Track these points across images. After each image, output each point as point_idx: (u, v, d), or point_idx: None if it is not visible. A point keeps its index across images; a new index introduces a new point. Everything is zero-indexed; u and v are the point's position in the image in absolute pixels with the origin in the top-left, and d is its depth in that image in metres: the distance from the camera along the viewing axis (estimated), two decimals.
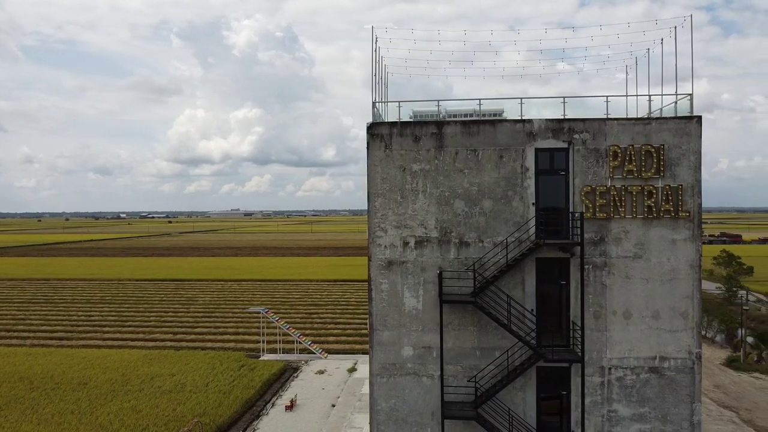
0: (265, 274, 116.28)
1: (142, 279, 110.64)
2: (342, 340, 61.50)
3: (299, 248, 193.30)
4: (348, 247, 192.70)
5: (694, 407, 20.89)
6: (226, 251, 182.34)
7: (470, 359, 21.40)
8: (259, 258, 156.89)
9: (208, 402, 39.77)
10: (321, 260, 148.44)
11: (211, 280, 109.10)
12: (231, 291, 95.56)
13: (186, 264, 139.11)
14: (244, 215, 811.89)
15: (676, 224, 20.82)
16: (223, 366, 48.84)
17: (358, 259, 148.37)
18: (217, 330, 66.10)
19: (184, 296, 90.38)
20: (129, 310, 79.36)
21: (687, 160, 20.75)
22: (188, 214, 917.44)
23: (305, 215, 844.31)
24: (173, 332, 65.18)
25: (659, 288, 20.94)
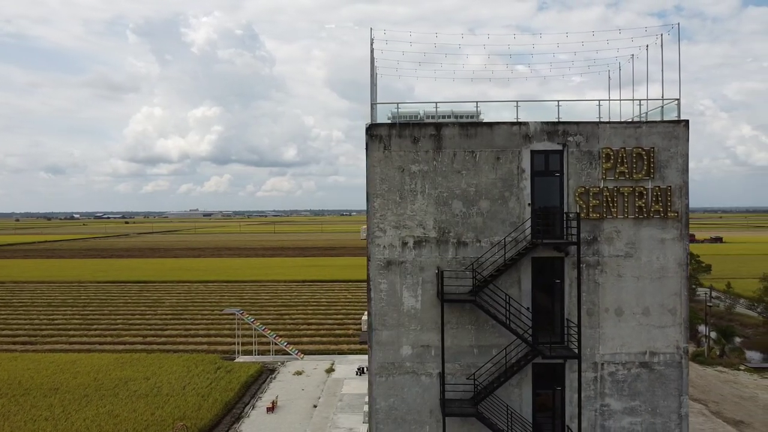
0: (231, 275, 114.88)
1: (104, 281, 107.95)
2: (316, 340, 61.40)
3: (263, 249, 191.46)
4: (313, 248, 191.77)
5: (682, 400, 21.74)
6: (188, 252, 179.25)
7: (468, 357, 21.76)
8: (224, 259, 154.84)
9: (187, 405, 39.21)
10: (287, 261, 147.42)
11: (177, 281, 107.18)
12: (198, 293, 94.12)
13: (148, 265, 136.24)
14: (203, 216, 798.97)
15: (665, 224, 21.63)
16: (198, 369, 48.19)
17: (324, 260, 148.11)
18: (187, 332, 65.10)
19: (149, 298, 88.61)
20: (94, 313, 77.40)
21: (675, 163, 21.58)
22: (145, 215, 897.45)
23: (266, 215, 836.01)
24: (143, 335, 63.91)
25: (649, 285, 21.71)
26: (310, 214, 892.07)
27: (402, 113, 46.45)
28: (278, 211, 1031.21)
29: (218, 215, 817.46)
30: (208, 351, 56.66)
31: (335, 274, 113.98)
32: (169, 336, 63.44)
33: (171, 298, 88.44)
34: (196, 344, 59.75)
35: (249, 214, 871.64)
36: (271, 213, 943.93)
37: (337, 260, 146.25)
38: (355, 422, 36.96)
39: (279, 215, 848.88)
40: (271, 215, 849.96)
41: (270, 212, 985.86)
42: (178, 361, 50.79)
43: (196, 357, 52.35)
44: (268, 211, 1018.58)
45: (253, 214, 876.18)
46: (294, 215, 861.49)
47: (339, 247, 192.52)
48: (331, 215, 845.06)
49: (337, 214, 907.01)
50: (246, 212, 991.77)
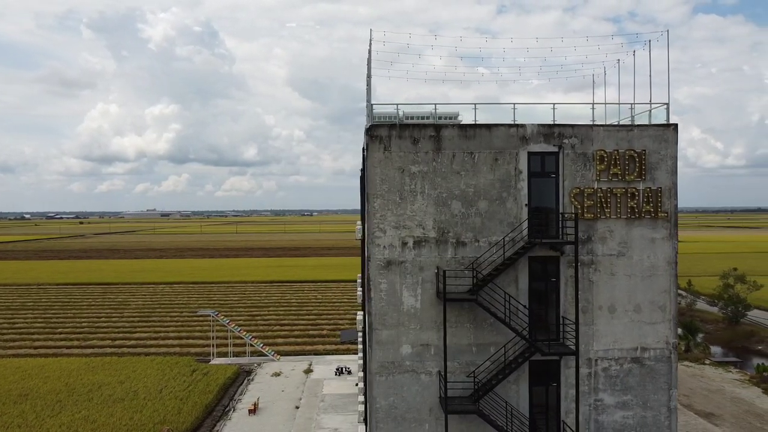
0: (196, 277, 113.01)
1: (65, 283, 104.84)
2: (291, 341, 61.00)
3: (227, 249, 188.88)
4: (277, 249, 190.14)
5: (671, 393, 22.56)
6: (149, 253, 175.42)
7: (466, 355, 22.09)
8: (187, 260, 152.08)
9: (165, 409, 38.50)
10: (252, 261, 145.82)
11: (141, 283, 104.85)
12: (164, 294, 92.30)
13: (109, 267, 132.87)
14: (160, 216, 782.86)
15: (655, 224, 22.39)
16: (174, 371, 47.32)
17: (290, 260, 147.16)
18: (158, 335, 63.79)
19: (114, 300, 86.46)
20: (57, 316, 75.10)
21: (665, 165, 22.37)
22: (100, 215, 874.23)
23: (226, 216, 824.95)
24: (111, 338, 62.36)
25: (640, 283, 22.45)
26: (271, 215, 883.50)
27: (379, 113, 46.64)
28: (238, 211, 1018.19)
29: (176, 215, 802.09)
30: (181, 353, 55.65)
31: (303, 275, 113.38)
32: (138, 339, 62.05)
33: (136, 300, 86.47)
34: (168, 347, 58.61)
35: (208, 215, 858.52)
36: (231, 213, 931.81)
37: (304, 261, 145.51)
38: (339, 422, 36.96)
39: (239, 215, 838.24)
40: (231, 215, 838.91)
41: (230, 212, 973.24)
42: (152, 364, 49.77)
43: (170, 360, 51.38)
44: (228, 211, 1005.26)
45: (213, 215, 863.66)
46: (254, 215, 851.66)
47: (304, 248, 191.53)
48: (292, 215, 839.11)
49: (298, 214, 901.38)
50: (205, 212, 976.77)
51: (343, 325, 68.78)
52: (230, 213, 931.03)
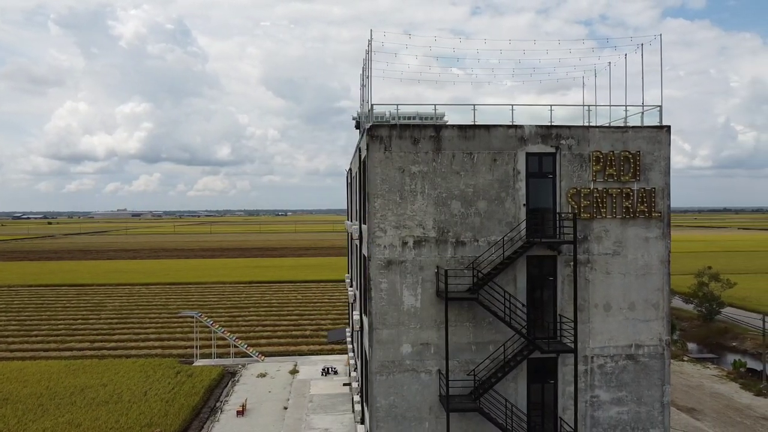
0: (173, 277, 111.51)
1: (37, 285, 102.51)
2: (274, 342, 60.67)
3: (202, 250, 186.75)
4: (253, 249, 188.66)
5: (664, 389, 23.09)
6: (123, 254, 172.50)
7: (466, 354, 22.31)
8: (162, 260, 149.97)
9: (152, 411, 38.01)
10: (229, 262, 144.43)
11: (116, 284, 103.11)
12: (141, 295, 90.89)
13: (82, 268, 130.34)
14: (131, 216, 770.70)
15: (649, 224, 22.90)
16: (157, 374, 46.70)
17: (267, 261, 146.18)
18: (138, 336, 62.83)
19: (89, 302, 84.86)
20: (31, 318, 73.43)
21: (658, 166, 22.89)
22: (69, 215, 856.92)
23: (198, 216, 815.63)
24: (89, 340, 61.22)
25: (635, 282, 22.95)
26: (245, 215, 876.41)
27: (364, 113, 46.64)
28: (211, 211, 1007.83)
29: (148, 215, 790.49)
30: (163, 355, 54.94)
31: (282, 275, 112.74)
32: (118, 341, 61.05)
33: (113, 302, 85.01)
34: (149, 348, 57.80)
35: (180, 215, 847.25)
36: (204, 213, 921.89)
37: (282, 261, 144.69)
38: (329, 422, 36.92)
39: (212, 215, 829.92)
40: (203, 215, 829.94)
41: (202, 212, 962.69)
42: (134, 366, 49.05)
43: (153, 361, 50.67)
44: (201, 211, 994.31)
45: (185, 215, 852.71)
46: (228, 215, 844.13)
47: (280, 248, 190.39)
48: (266, 215, 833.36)
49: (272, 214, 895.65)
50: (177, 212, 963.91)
51: (326, 325, 68.66)
52: (203, 213, 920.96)
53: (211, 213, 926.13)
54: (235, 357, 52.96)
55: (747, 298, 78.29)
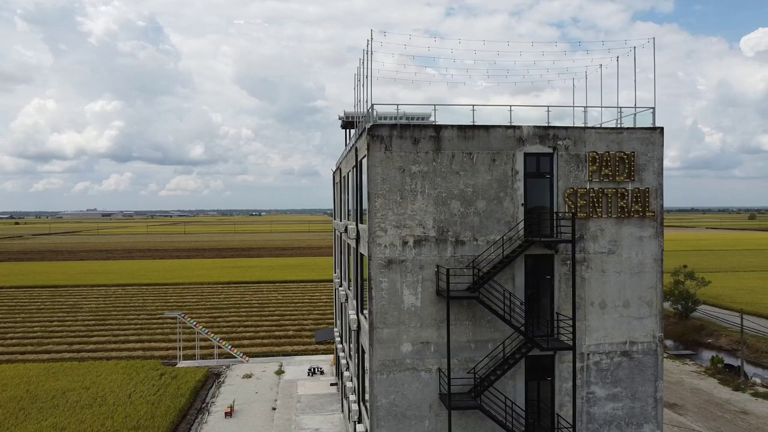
0: (149, 278, 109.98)
1: (8, 286, 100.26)
2: (257, 342, 60.33)
3: (177, 250, 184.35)
4: (229, 249, 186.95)
5: (657, 384, 23.58)
6: (95, 255, 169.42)
7: (465, 352, 22.48)
8: (137, 261, 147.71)
9: (138, 414, 37.52)
10: (205, 262, 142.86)
11: (91, 285, 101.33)
12: (118, 297, 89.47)
13: (55, 269, 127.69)
14: (102, 216, 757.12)
15: (643, 223, 23.37)
16: (141, 376, 46.10)
17: (245, 261, 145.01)
18: (117, 338, 61.88)
19: (64, 304, 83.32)
20: (5, 320, 71.82)
21: (652, 166, 23.37)
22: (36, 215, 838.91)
23: (171, 216, 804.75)
24: (67, 343, 60.12)
25: (629, 280, 23.38)
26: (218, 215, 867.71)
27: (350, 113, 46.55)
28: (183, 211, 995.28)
29: (119, 215, 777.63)
30: (145, 357, 54.23)
31: (260, 276, 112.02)
32: (97, 343, 60.04)
33: (89, 303, 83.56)
34: (130, 350, 56.99)
35: (152, 215, 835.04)
36: (176, 213, 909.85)
37: (259, 261, 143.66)
38: (319, 422, 36.86)
39: (185, 215, 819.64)
40: (176, 215, 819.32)
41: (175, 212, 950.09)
42: (116, 369, 48.32)
43: (135, 363, 49.98)
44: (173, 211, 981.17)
45: (157, 215, 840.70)
46: (201, 215, 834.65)
47: (257, 248, 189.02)
48: (240, 215, 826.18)
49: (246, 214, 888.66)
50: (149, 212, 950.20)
51: (308, 325, 68.48)
52: (175, 213, 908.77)
53: (184, 213, 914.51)
54: (219, 358, 52.50)
55: (720, 296, 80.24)
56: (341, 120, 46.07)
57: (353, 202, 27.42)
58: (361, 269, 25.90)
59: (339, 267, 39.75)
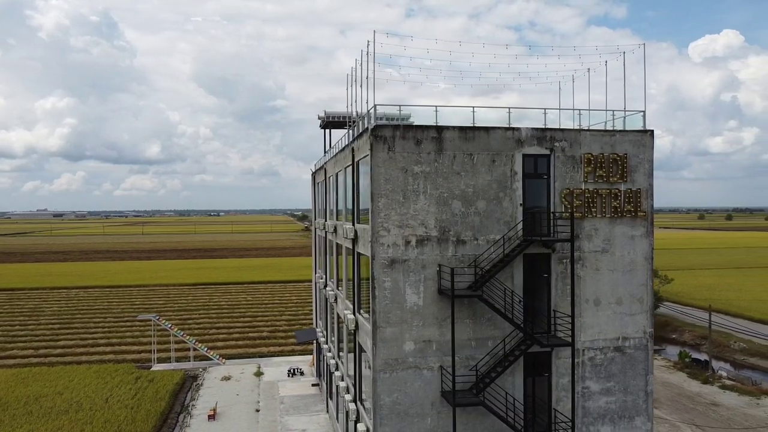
0: (112, 280, 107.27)
1: None
2: (232, 344, 59.62)
3: (137, 251, 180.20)
4: (191, 250, 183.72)
5: (648, 378, 24.41)
6: (51, 256, 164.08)
7: (466, 350, 22.82)
8: (96, 263, 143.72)
9: (117, 419, 36.65)
10: (168, 263, 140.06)
11: (51, 288, 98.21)
12: (80, 299, 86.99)
13: (8, 271, 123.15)
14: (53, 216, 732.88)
15: (634, 222, 24.16)
16: (115, 380, 45.00)
17: (209, 262, 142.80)
18: (85, 342, 60.22)
19: (24, 307, 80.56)
20: None
21: (643, 168, 24.19)
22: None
23: (126, 216, 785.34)
24: (33, 347, 58.21)
25: (621, 278, 24.14)
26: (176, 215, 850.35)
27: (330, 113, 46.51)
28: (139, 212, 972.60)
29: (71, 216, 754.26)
30: (117, 360, 52.97)
31: (227, 277, 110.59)
32: (65, 347, 58.28)
33: (51, 306, 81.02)
34: (101, 354, 55.52)
35: (107, 215, 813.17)
36: (132, 213, 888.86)
37: (224, 262, 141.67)
38: (305, 423, 36.73)
39: (140, 215, 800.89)
40: (131, 215, 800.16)
41: (130, 212, 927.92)
42: (88, 373, 47.01)
43: (108, 367, 48.73)
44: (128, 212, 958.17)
45: (112, 215, 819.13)
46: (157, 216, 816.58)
47: (220, 249, 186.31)
48: (198, 215, 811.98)
49: (204, 214, 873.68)
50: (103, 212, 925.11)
51: (281, 326, 68.03)
52: (131, 213, 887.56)
53: (140, 213, 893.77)
54: (195, 360, 51.66)
55: (680, 293, 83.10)
56: (321, 120, 45.96)
57: (349, 203, 27.45)
58: (359, 269, 25.98)
59: (324, 267, 39.66)
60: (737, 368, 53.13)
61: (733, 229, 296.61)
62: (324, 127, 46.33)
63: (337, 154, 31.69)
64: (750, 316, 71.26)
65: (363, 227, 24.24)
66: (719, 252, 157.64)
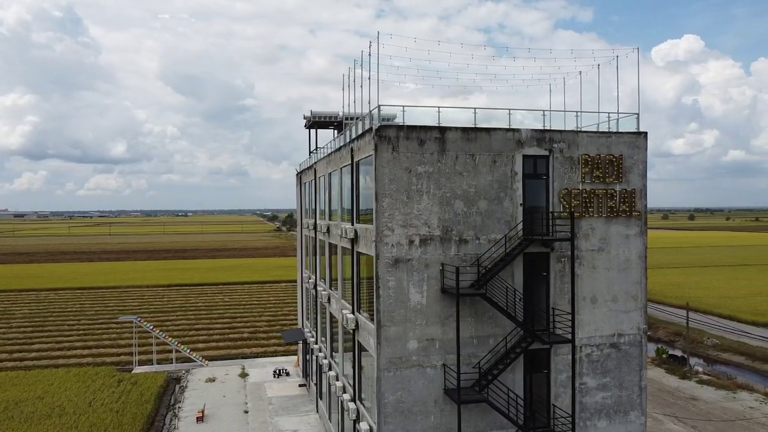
0: (83, 281, 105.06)
1: None
2: (213, 346, 59.02)
3: (105, 252, 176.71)
4: (162, 251, 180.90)
5: (642, 374, 25.08)
6: (15, 257, 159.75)
7: (468, 348, 23.12)
8: (64, 264, 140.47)
9: (103, 423, 36.04)
10: (139, 265, 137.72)
11: (20, 290, 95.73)
12: (52, 302, 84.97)
13: None
14: (14, 216, 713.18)
15: (629, 222, 24.80)
16: (97, 383, 44.17)
17: (182, 263, 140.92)
18: (61, 345, 58.89)
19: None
20: None
21: (637, 168, 24.85)
22: None
23: (91, 216, 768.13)
24: (7, 351, 56.77)
25: (617, 276, 24.76)
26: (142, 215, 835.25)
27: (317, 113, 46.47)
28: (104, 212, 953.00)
29: (33, 216, 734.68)
30: (96, 363, 51.93)
31: (202, 278, 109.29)
32: (40, 350, 56.92)
33: (21, 309, 78.98)
34: (78, 357, 54.38)
35: (70, 215, 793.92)
36: (96, 213, 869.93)
37: (197, 263, 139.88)
38: (296, 424, 36.63)
39: (105, 216, 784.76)
40: (96, 216, 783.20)
41: (94, 213, 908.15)
42: (68, 377, 46.04)
43: (89, 371, 47.75)
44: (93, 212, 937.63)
45: (75, 215, 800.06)
46: (123, 216, 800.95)
47: (191, 250, 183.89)
48: (165, 216, 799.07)
49: (171, 214, 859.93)
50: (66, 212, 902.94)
51: (262, 327, 67.61)
52: (95, 213, 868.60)
53: (105, 213, 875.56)
54: (177, 362, 51.00)
55: (651, 291, 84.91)
56: (307, 120, 45.89)
57: (347, 202, 27.51)
58: (359, 269, 26.07)
59: (314, 267, 39.58)
60: (711, 364, 54.78)
61: (696, 228, 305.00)
62: (310, 127, 46.27)
63: (331, 154, 31.72)
64: (719, 313, 73.58)
65: (365, 227, 24.34)
66: (685, 251, 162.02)
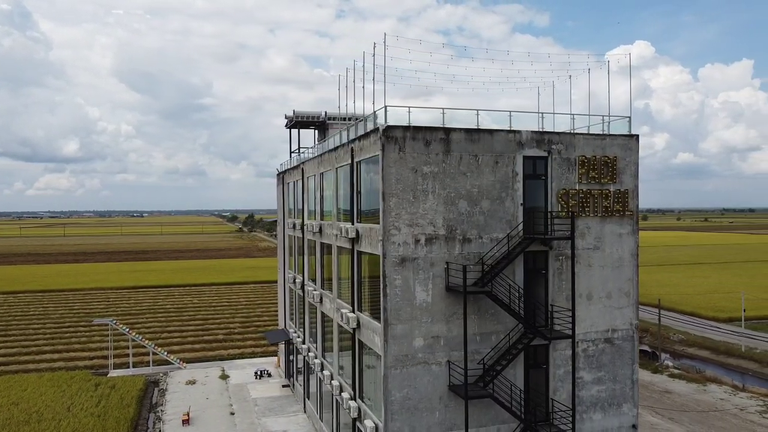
0: (41, 284, 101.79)
1: None
2: (188, 348, 58.17)
3: (61, 254, 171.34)
4: (122, 252, 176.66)
5: (634, 367, 26.03)
6: None
7: (471, 344, 23.56)
8: (19, 266, 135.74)
9: (85, 427, 35.26)
10: (99, 266, 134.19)
11: None
12: (12, 305, 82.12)
13: None
14: None
15: (622, 221, 25.72)
16: (73, 387, 43.06)
17: (143, 264, 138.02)
18: (28, 350, 57.11)
19: None
20: None
21: (629, 170, 25.79)
22: None
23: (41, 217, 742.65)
24: None
25: (611, 273, 25.64)
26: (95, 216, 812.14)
27: (300, 112, 46.43)
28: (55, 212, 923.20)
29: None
30: (69, 368, 50.54)
31: (167, 279, 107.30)
32: (6, 356, 55.05)
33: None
34: (49, 362, 52.81)
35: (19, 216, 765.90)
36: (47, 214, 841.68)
37: (160, 264, 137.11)
38: (284, 424, 36.52)
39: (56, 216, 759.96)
40: (46, 216, 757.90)
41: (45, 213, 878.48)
42: (41, 382, 44.72)
43: (63, 375, 46.50)
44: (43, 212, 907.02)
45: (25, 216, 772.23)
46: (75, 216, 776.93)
47: (151, 251, 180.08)
48: (120, 216, 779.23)
49: (126, 215, 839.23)
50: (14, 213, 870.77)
51: (236, 328, 66.96)
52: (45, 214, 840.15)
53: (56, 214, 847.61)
54: (154, 365, 50.08)
55: None
56: (288, 120, 45.78)
57: (344, 202, 27.66)
58: (360, 268, 26.26)
59: (300, 267, 39.50)
60: (678, 358, 56.87)
61: (650, 228, 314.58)
62: (292, 126, 46.15)
63: (324, 154, 31.80)
64: (682, 310, 76.45)
65: (368, 226, 24.55)
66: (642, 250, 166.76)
